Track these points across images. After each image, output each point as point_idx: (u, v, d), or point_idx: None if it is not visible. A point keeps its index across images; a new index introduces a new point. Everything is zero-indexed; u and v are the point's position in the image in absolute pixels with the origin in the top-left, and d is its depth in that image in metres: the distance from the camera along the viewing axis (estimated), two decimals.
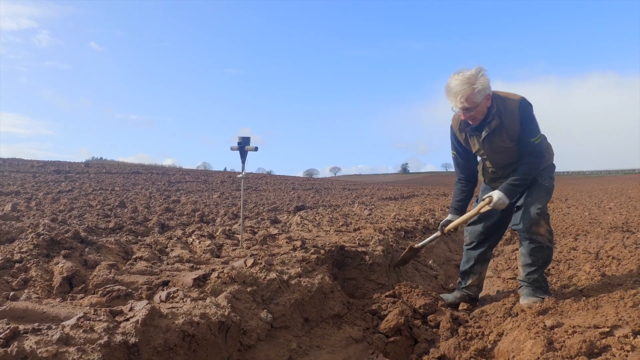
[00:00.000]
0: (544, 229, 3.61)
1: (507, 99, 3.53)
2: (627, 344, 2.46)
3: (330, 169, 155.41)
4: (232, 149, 4.39)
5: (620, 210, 11.53)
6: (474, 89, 3.35)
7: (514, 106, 3.50)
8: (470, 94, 3.36)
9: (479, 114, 3.50)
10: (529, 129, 3.52)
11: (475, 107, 3.43)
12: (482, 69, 3.42)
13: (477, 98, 3.38)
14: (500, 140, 3.60)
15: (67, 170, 21.17)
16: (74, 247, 3.57)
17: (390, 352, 3.26)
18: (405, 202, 15.10)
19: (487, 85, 3.39)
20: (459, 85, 3.36)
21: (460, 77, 3.37)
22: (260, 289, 3.11)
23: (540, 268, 3.67)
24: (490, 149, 3.69)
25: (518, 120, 3.49)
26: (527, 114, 3.51)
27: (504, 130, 3.54)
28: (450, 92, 3.45)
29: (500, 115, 3.52)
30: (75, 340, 1.87)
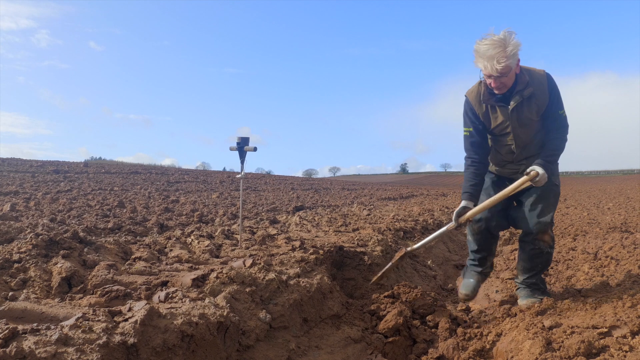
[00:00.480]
0: (548, 236, 3.54)
1: (532, 70, 3.39)
2: (625, 344, 2.46)
3: (330, 169, 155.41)
4: (232, 149, 4.40)
5: (619, 210, 11.55)
6: (508, 52, 3.12)
7: (542, 76, 3.36)
8: (505, 58, 3.13)
9: (510, 80, 3.29)
10: (557, 100, 3.38)
11: (508, 73, 3.22)
12: (511, 32, 3.18)
13: (511, 62, 3.16)
14: (529, 111, 3.40)
15: (66, 170, 21.16)
16: (73, 247, 3.57)
17: (389, 352, 3.26)
18: (404, 203, 15.12)
19: (517, 49, 3.18)
20: (491, 48, 3.13)
21: (490, 40, 3.15)
22: (259, 289, 3.11)
23: (539, 272, 3.63)
24: (517, 121, 3.44)
25: (547, 90, 3.35)
26: (554, 85, 3.37)
27: (534, 100, 3.36)
28: (483, 56, 3.18)
29: (530, 84, 3.34)
30: (74, 341, 1.87)
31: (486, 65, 3.19)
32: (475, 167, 3.64)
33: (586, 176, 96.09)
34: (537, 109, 3.39)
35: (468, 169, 3.68)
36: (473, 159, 3.65)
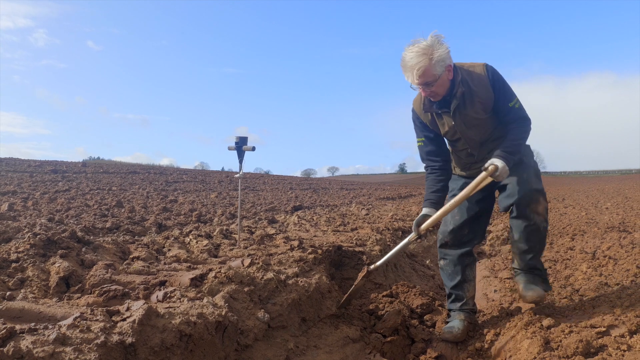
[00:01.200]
0: (542, 207, 3.17)
1: (470, 69, 3.15)
2: (623, 343, 2.46)
3: (328, 169, 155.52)
4: (230, 148, 4.40)
5: (617, 210, 11.56)
6: (431, 59, 2.93)
7: (480, 71, 3.12)
8: (427, 66, 2.94)
9: (440, 87, 3.06)
10: (503, 92, 3.13)
11: (436, 81, 3.00)
12: (439, 36, 3.00)
13: (437, 70, 2.96)
14: (473, 110, 3.16)
15: (64, 170, 21.13)
16: (71, 246, 3.56)
17: (388, 351, 3.26)
18: (402, 202, 15.13)
19: (445, 54, 2.97)
20: (414, 57, 2.94)
21: (416, 48, 2.95)
22: (257, 288, 3.11)
23: (538, 254, 3.28)
24: (463, 123, 3.21)
25: (489, 84, 3.10)
26: (497, 77, 3.12)
27: (476, 98, 3.12)
28: (405, 66, 3.01)
29: (467, 84, 3.11)
30: (72, 340, 1.87)
31: (408, 74, 3.03)
32: (435, 174, 3.47)
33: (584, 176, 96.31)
34: (483, 106, 3.16)
35: (428, 177, 3.50)
36: (432, 166, 3.49)
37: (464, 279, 3.44)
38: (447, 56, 2.99)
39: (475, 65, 3.16)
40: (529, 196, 3.10)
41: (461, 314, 3.38)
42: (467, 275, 3.45)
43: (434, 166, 3.46)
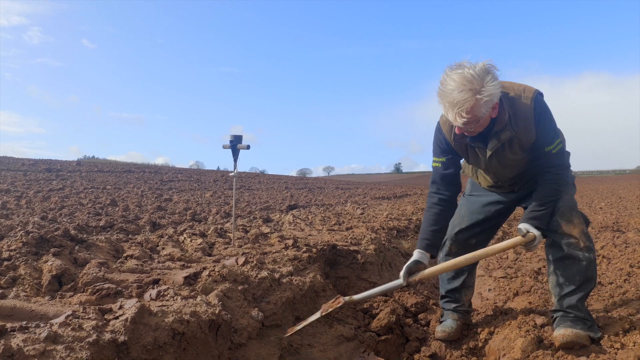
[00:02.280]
0: (578, 230, 2.68)
1: (517, 100, 2.63)
2: (617, 342, 2.48)
3: (324, 169, 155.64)
4: (224, 147, 4.39)
5: (610, 210, 11.62)
6: (478, 99, 2.40)
7: (528, 109, 2.62)
8: (473, 106, 2.42)
9: (481, 127, 2.61)
10: (545, 135, 2.66)
11: (478, 122, 2.53)
12: (491, 67, 2.47)
13: (482, 110, 2.46)
14: (511, 153, 2.75)
15: (58, 169, 21.04)
16: (64, 245, 3.54)
17: (382, 350, 3.26)
18: (398, 202, 15.14)
19: (496, 92, 2.45)
20: (457, 91, 2.41)
21: (460, 79, 2.41)
22: (251, 287, 3.10)
23: (578, 290, 2.67)
24: (498, 164, 2.83)
25: (533, 126, 2.63)
26: (545, 116, 2.64)
27: (516, 141, 2.69)
28: (445, 99, 2.48)
29: (512, 124, 2.64)
30: (64, 339, 1.85)
31: (447, 111, 2.51)
32: (440, 206, 2.95)
33: (579, 176, 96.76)
34: (521, 147, 2.74)
35: (430, 209, 2.98)
36: (441, 196, 2.96)
37: (464, 285, 3.25)
38: (497, 93, 2.49)
39: (522, 95, 2.65)
40: (560, 217, 2.72)
41: (455, 314, 3.27)
42: (467, 282, 3.26)
43: (442, 197, 2.96)
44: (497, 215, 3.18)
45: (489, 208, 3.16)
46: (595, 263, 2.72)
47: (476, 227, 3.17)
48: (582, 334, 2.51)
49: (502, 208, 3.15)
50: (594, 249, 2.73)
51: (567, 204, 2.75)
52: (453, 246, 3.20)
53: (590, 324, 2.63)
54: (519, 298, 3.98)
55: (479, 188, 3.24)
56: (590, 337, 2.54)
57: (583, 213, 2.82)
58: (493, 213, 3.15)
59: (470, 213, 3.19)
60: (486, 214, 3.15)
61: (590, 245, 2.70)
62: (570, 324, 2.59)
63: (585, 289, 2.68)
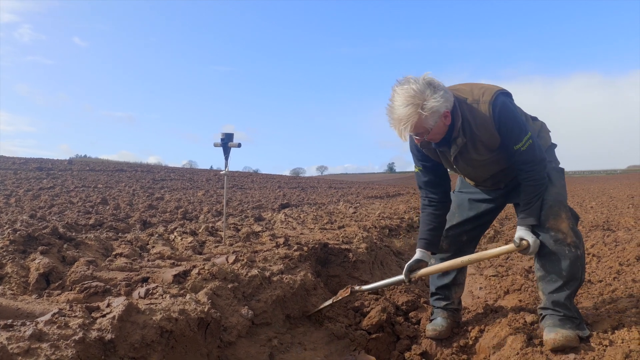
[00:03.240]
0: (565, 224, 2.68)
1: (475, 106, 2.66)
2: (605, 339, 2.48)
3: (317, 168, 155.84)
4: (216, 145, 4.37)
5: (601, 209, 11.70)
6: (421, 113, 2.47)
7: (485, 114, 2.63)
8: (417, 120, 2.49)
9: (436, 135, 2.65)
10: (509, 135, 2.66)
11: (428, 132, 2.59)
12: (431, 81, 2.53)
13: (429, 122, 2.52)
14: (476, 153, 2.77)
15: (49, 168, 20.89)
16: (52, 243, 3.51)
17: (373, 348, 3.25)
18: (390, 201, 15.16)
19: (440, 103, 2.49)
20: (402, 107, 2.48)
21: (404, 93, 2.49)
22: (241, 285, 3.08)
23: (565, 286, 2.65)
24: (467, 166, 2.88)
25: (494, 130, 2.65)
26: (505, 119, 2.63)
27: (478, 142, 2.71)
28: (391, 115, 2.56)
29: (469, 129, 2.67)
30: (49, 336, 1.83)
31: (394, 127, 2.58)
32: (433, 207, 3.03)
33: (570, 176, 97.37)
34: (487, 147, 2.74)
35: (425, 210, 3.07)
36: (431, 198, 3.04)
37: (454, 282, 3.26)
38: (443, 104, 2.51)
39: (480, 100, 2.66)
40: (547, 212, 2.69)
41: (445, 312, 3.27)
42: (457, 279, 3.27)
43: (433, 199, 3.03)
44: (487, 212, 3.18)
45: (478, 205, 3.16)
46: (582, 259, 2.69)
47: (466, 224, 3.18)
48: (572, 336, 2.49)
49: (492, 205, 3.15)
50: (581, 246, 2.71)
51: (555, 197, 2.73)
52: (444, 243, 3.20)
53: (578, 322, 2.62)
54: (509, 296, 3.99)
55: (468, 185, 3.24)
56: (579, 337, 2.53)
57: (572, 209, 2.80)
58: (483, 210, 3.15)
59: (460, 210, 3.20)
60: (476, 211, 3.16)
61: (578, 241, 2.68)
62: (560, 324, 2.58)
63: (572, 285, 2.66)
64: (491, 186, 3.07)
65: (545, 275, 2.71)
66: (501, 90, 2.70)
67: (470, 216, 3.16)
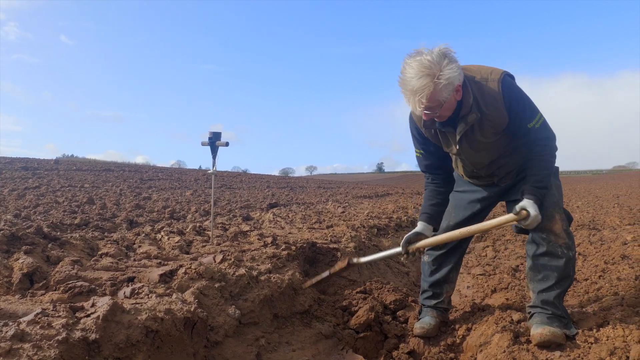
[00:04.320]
0: (559, 226, 2.69)
1: (484, 84, 2.61)
2: (590, 336, 2.50)
3: (306, 168, 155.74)
4: (203, 144, 4.34)
5: (587, 209, 11.82)
6: (437, 83, 2.41)
7: (495, 90, 2.58)
8: (433, 92, 2.43)
9: (447, 110, 2.58)
10: (521, 114, 2.63)
11: (441, 106, 2.52)
12: (447, 51, 2.47)
13: (443, 95, 2.46)
14: (482, 135, 2.72)
15: (35, 167, 20.65)
16: (36, 242, 3.46)
17: (360, 347, 3.25)
18: (379, 201, 15.18)
19: (456, 75, 2.44)
20: (416, 78, 2.41)
21: (418, 65, 2.42)
22: (228, 284, 3.06)
23: (555, 286, 2.67)
24: (470, 149, 2.81)
25: (503, 107, 2.60)
26: (515, 95, 2.61)
27: (487, 122, 2.66)
28: (405, 88, 2.49)
29: (479, 106, 2.61)
30: (31, 337, 1.80)
31: (408, 99, 2.52)
32: (436, 184, 3.10)
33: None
34: (494, 129, 2.71)
35: (428, 187, 3.13)
36: (434, 176, 3.12)
37: (446, 279, 3.26)
38: (458, 76, 2.47)
39: (488, 78, 2.63)
40: (543, 211, 2.64)
41: (434, 311, 3.27)
42: (449, 277, 3.27)
43: (435, 177, 3.11)
44: (482, 210, 3.18)
45: (475, 204, 3.15)
46: (574, 260, 2.73)
47: (463, 223, 3.13)
48: (559, 333, 2.50)
49: (486, 203, 3.16)
50: (574, 247, 2.73)
51: (550, 199, 2.73)
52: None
53: (566, 322, 2.63)
54: (496, 295, 4.01)
55: (463, 183, 3.22)
56: (566, 335, 2.54)
57: (566, 210, 2.81)
58: (478, 209, 3.15)
59: (456, 210, 3.19)
60: (472, 210, 3.15)
61: (571, 243, 2.70)
62: (547, 322, 2.59)
63: (563, 285, 2.69)
64: (486, 178, 3.03)
65: (537, 274, 2.73)
66: (507, 72, 2.67)
67: (467, 216, 3.15)
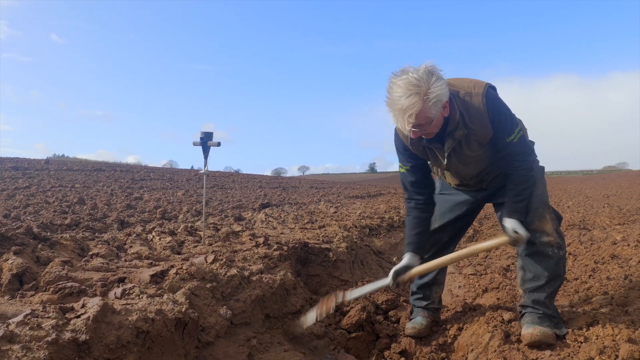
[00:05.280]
0: (550, 225, 2.70)
1: (468, 99, 2.62)
2: (580, 335, 2.52)
3: (299, 168, 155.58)
4: (195, 144, 4.32)
5: (577, 209, 11.90)
6: (426, 100, 2.39)
7: (479, 105, 2.60)
8: (422, 109, 2.40)
9: (435, 127, 2.57)
10: (503, 127, 2.64)
11: (430, 123, 2.50)
12: (434, 68, 2.46)
13: (432, 112, 2.44)
14: (469, 150, 2.73)
15: (25, 167, 20.47)
16: (26, 243, 3.44)
17: (352, 347, 3.25)
18: (371, 201, 15.20)
19: (443, 92, 2.44)
20: (404, 97, 2.39)
21: (405, 84, 2.40)
22: (220, 285, 3.05)
23: (546, 286, 2.68)
24: (458, 163, 2.82)
25: (488, 121, 2.62)
26: (498, 109, 2.63)
27: (473, 137, 2.67)
28: (393, 107, 2.46)
29: (465, 121, 2.63)
30: (20, 338, 1.79)
31: (397, 119, 2.51)
32: (420, 209, 2.97)
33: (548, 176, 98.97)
34: (479, 143, 2.72)
35: (411, 213, 3.00)
36: (417, 200, 2.98)
37: (434, 281, 3.27)
38: (445, 92, 2.47)
39: (472, 93, 2.63)
40: (533, 211, 2.69)
41: (425, 311, 3.27)
42: (438, 279, 3.28)
43: (419, 200, 2.97)
44: (468, 212, 3.19)
45: (460, 207, 3.16)
46: (564, 260, 2.74)
47: (448, 225, 3.18)
48: (549, 333, 2.52)
49: (472, 206, 3.17)
50: (564, 247, 2.75)
51: (539, 199, 2.75)
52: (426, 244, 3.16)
53: (557, 322, 2.65)
54: (487, 294, 4.03)
55: (448, 187, 3.22)
56: (556, 335, 2.56)
57: (555, 210, 2.82)
58: (464, 211, 3.16)
59: (441, 213, 3.18)
60: (457, 213, 3.16)
61: (561, 242, 2.72)
62: (538, 321, 2.60)
63: (553, 285, 2.70)
64: (474, 185, 3.04)
65: (528, 274, 2.74)
66: (490, 85, 2.69)
67: (452, 218, 3.16)
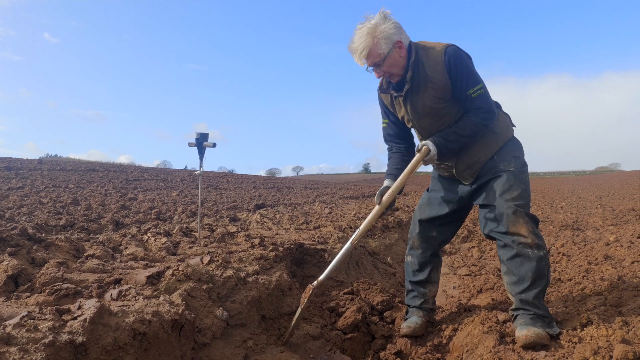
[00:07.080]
0: (525, 228, 2.74)
1: (429, 49, 2.85)
2: (575, 336, 2.54)
3: (293, 168, 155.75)
4: (190, 145, 4.33)
5: (571, 209, 11.97)
6: (374, 37, 2.74)
7: (438, 56, 2.80)
8: (371, 46, 2.76)
9: (393, 67, 2.85)
10: (461, 79, 2.80)
11: (384, 60, 2.80)
12: (387, 14, 2.80)
13: (382, 48, 2.76)
14: (425, 98, 2.88)
15: (18, 167, 20.37)
16: (21, 244, 3.42)
17: (348, 348, 3.26)
18: (366, 201, 15.22)
19: (391, 30, 2.75)
20: (358, 38, 2.78)
21: (361, 27, 2.79)
22: (216, 286, 3.06)
23: (532, 286, 2.71)
24: (415, 110, 2.97)
25: (444, 70, 2.79)
26: (457, 62, 2.78)
27: (429, 84, 2.83)
28: (351, 48, 2.84)
29: (422, 68, 2.83)
30: (17, 340, 1.79)
31: (354, 57, 2.86)
32: (401, 153, 3.23)
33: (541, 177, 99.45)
34: (437, 93, 2.86)
35: (393, 156, 3.27)
36: (397, 146, 3.27)
37: (428, 279, 3.34)
38: (395, 32, 2.77)
39: (435, 45, 2.86)
40: (505, 219, 2.78)
41: (420, 311, 3.31)
42: (431, 277, 3.35)
43: (400, 147, 3.26)
44: (456, 210, 3.28)
45: (447, 204, 3.26)
46: (546, 259, 2.76)
47: (436, 220, 3.30)
48: (543, 334, 2.53)
49: (459, 205, 3.25)
50: (544, 246, 2.78)
51: (508, 205, 2.80)
52: (415, 239, 3.36)
53: (549, 321, 2.66)
54: (482, 295, 4.05)
55: (436, 184, 3.36)
56: (549, 335, 2.57)
57: (532, 214, 2.83)
58: (452, 209, 3.25)
59: (430, 206, 3.32)
60: (445, 209, 3.26)
61: (540, 242, 2.75)
62: (531, 322, 2.62)
63: (540, 285, 2.72)
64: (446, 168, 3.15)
65: (512, 277, 2.79)
66: (457, 46, 2.86)
67: (440, 214, 3.26)
